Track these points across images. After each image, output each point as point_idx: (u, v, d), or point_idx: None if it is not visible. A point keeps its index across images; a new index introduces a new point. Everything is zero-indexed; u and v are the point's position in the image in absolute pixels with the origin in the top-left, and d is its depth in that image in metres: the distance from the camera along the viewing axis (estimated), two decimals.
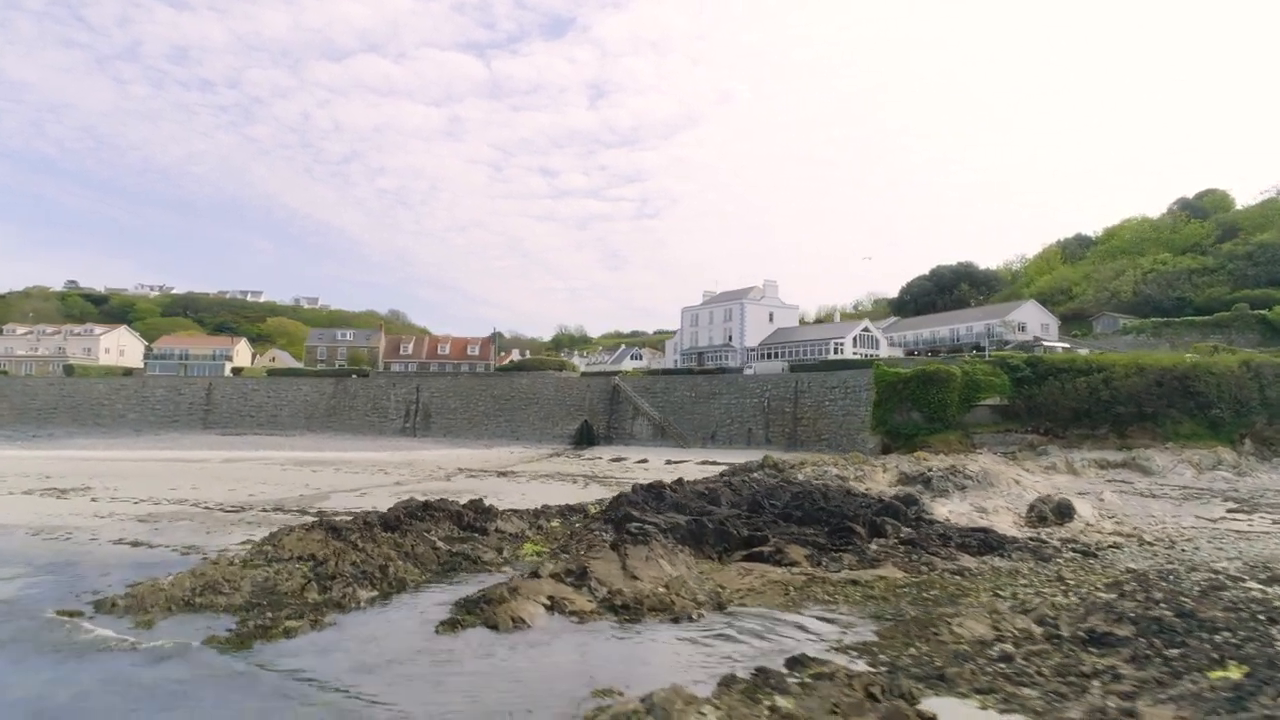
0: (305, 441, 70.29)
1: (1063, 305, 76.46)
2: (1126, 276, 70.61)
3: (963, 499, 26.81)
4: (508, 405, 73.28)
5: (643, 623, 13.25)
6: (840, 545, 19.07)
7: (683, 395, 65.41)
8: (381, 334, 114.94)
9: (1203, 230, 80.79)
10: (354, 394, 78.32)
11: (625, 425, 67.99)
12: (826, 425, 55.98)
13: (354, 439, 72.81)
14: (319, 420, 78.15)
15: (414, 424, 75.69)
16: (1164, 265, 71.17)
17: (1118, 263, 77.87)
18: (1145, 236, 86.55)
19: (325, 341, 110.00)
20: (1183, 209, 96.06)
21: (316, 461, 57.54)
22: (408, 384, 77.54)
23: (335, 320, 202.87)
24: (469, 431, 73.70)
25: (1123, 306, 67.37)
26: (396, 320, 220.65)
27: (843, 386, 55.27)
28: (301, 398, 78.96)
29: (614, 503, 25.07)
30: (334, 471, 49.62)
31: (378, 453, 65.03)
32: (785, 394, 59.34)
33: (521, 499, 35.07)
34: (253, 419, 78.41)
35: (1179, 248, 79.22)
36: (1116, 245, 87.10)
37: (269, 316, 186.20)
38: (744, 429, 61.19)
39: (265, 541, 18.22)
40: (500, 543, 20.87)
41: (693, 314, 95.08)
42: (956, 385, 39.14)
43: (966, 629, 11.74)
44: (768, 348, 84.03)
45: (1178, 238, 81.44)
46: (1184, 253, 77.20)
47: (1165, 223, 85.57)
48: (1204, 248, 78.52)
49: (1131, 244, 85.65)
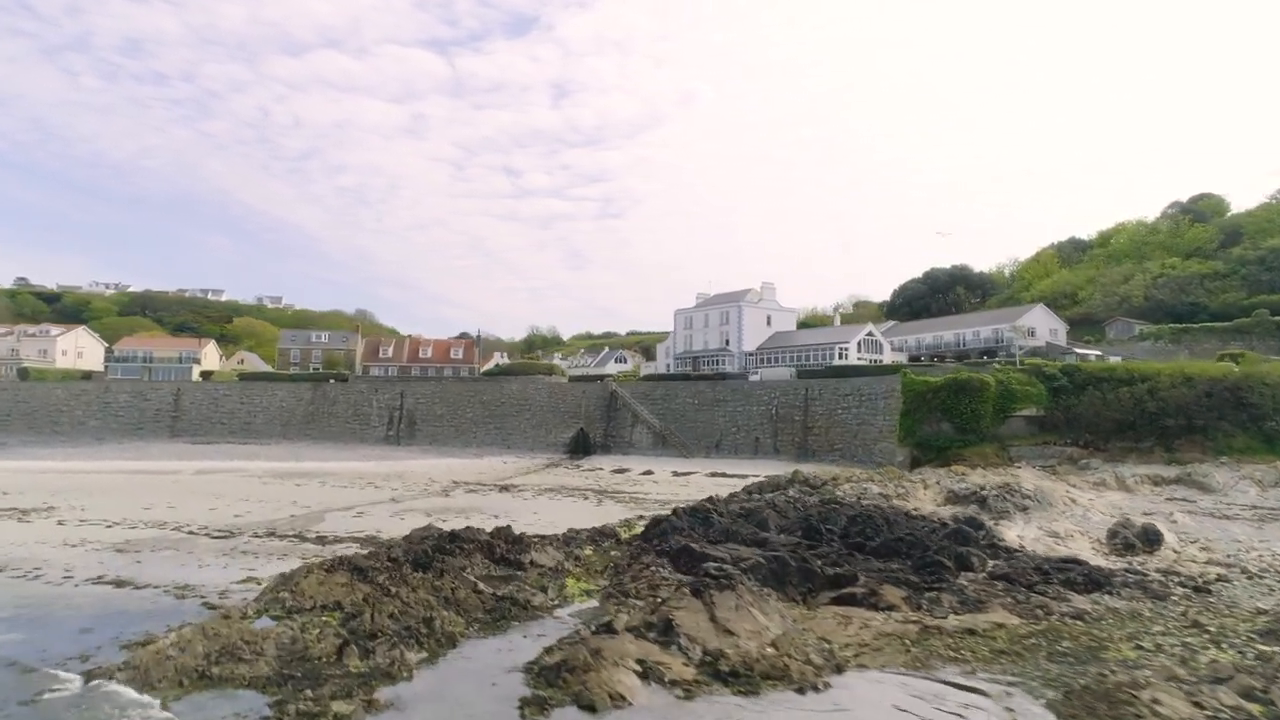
0: (283, 451, 67.16)
1: (1068, 310, 76.16)
2: (1136, 281, 70.41)
3: (1027, 521, 25.27)
4: (497, 412, 70.82)
5: (761, 694, 11.32)
6: (932, 582, 17.31)
7: (685, 402, 63.58)
8: (358, 336, 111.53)
9: (1206, 234, 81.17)
10: (333, 400, 75.25)
11: (624, 433, 65.97)
12: (840, 435, 54.52)
13: (334, 448, 69.84)
14: (296, 428, 74.93)
15: (398, 432, 72.87)
16: (1173, 270, 71.10)
17: (1123, 267, 77.82)
18: (1146, 240, 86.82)
19: (298, 344, 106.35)
20: (1182, 213, 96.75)
21: (298, 473, 54.64)
22: (390, 389, 74.69)
23: (302, 320, 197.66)
24: (456, 440, 71.11)
25: (1134, 311, 67.08)
26: (365, 320, 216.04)
27: (856, 394, 53.86)
28: (277, 404, 75.66)
29: (656, 528, 23.09)
30: (320, 486, 46.90)
31: (362, 463, 62.22)
32: (794, 402, 57.78)
33: (535, 519, 32.90)
34: (224, 426, 74.93)
35: (1183, 252, 79.46)
36: (1119, 249, 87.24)
37: (233, 316, 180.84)
38: (750, 438, 59.52)
39: (280, 585, 15.92)
40: (541, 579, 18.80)
41: (686, 316, 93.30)
42: (990, 395, 37.79)
43: (1167, 708, 9.95)
44: (767, 352, 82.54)
45: (1181, 242, 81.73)
46: (1188, 257, 77.43)
47: (1166, 226, 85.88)
48: (1207, 252, 78.86)
49: (1133, 248, 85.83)
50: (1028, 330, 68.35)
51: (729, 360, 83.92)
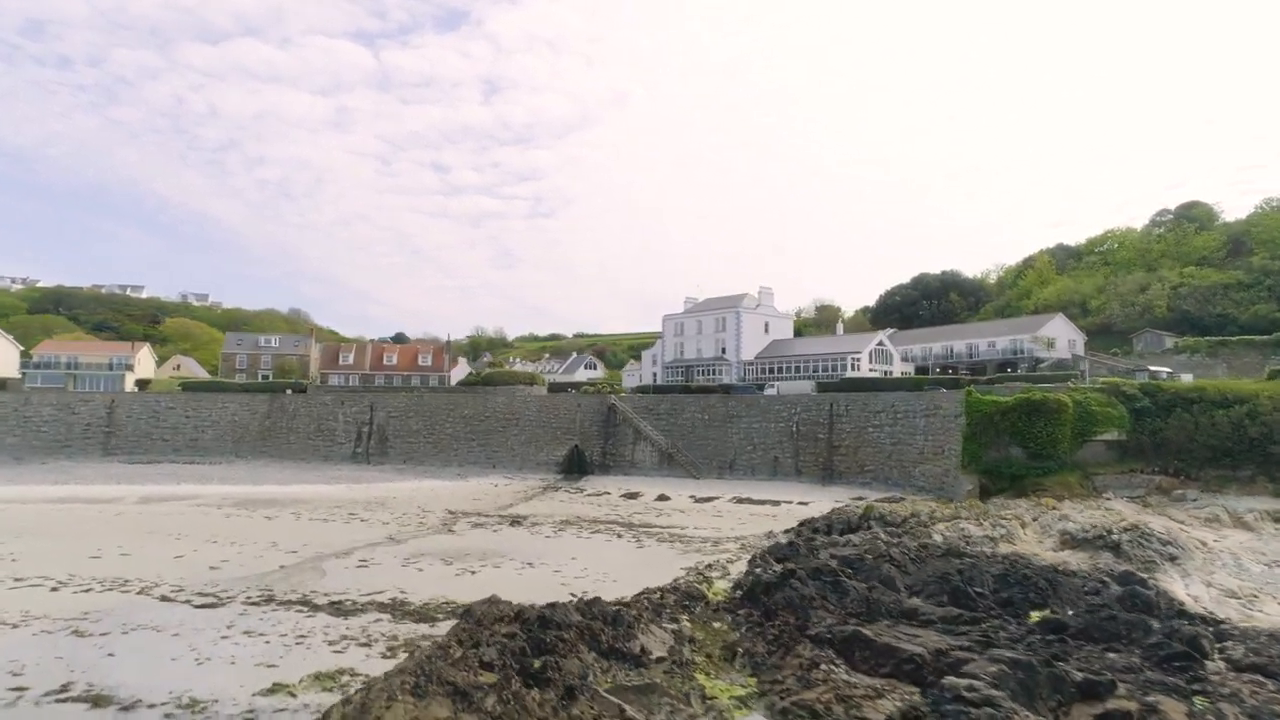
0: (238, 471, 61.08)
1: (1082, 320, 75.26)
2: (1155, 291, 69.81)
3: (1185, 575, 22.34)
4: (481, 428, 66.01)
5: None
6: (1187, 681, 13.98)
7: (693, 417, 59.96)
8: (311, 340, 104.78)
9: (1214, 242, 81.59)
10: (293, 413, 69.23)
11: (624, 451, 61.98)
12: (871, 455, 51.64)
13: (297, 467, 63.98)
14: (250, 444, 68.68)
15: (367, 449, 67.37)
16: (1192, 280, 70.78)
17: (1134, 275, 77.47)
18: (1147, 248, 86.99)
19: (245, 348, 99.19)
20: (1177, 220, 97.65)
21: (263, 500, 49.08)
22: (358, 402, 69.09)
23: (235, 320, 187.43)
24: (434, 458, 66.04)
25: (1157, 323, 66.37)
26: (302, 320, 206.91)
27: (890, 411, 51.10)
28: (228, 418, 69.24)
29: (769, 593, 19.28)
30: (293, 518, 41.69)
31: (332, 485, 56.77)
32: (818, 418, 54.72)
33: (575, 566, 28.82)
34: (167, 443, 68.16)
35: (1189, 260, 79.67)
36: (1124, 257, 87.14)
37: (158, 314, 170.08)
38: (768, 458, 56.23)
39: (351, 716, 11.62)
40: (671, 679, 14.89)
41: (676, 323, 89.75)
42: (1068, 417, 35.22)
43: None
44: (767, 361, 79.67)
45: (1186, 249, 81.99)
46: (1196, 265, 77.57)
47: (1170, 234, 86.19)
48: (1214, 261, 79.13)
49: (1137, 255, 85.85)
50: (1048, 341, 66.90)
51: (726, 370, 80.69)
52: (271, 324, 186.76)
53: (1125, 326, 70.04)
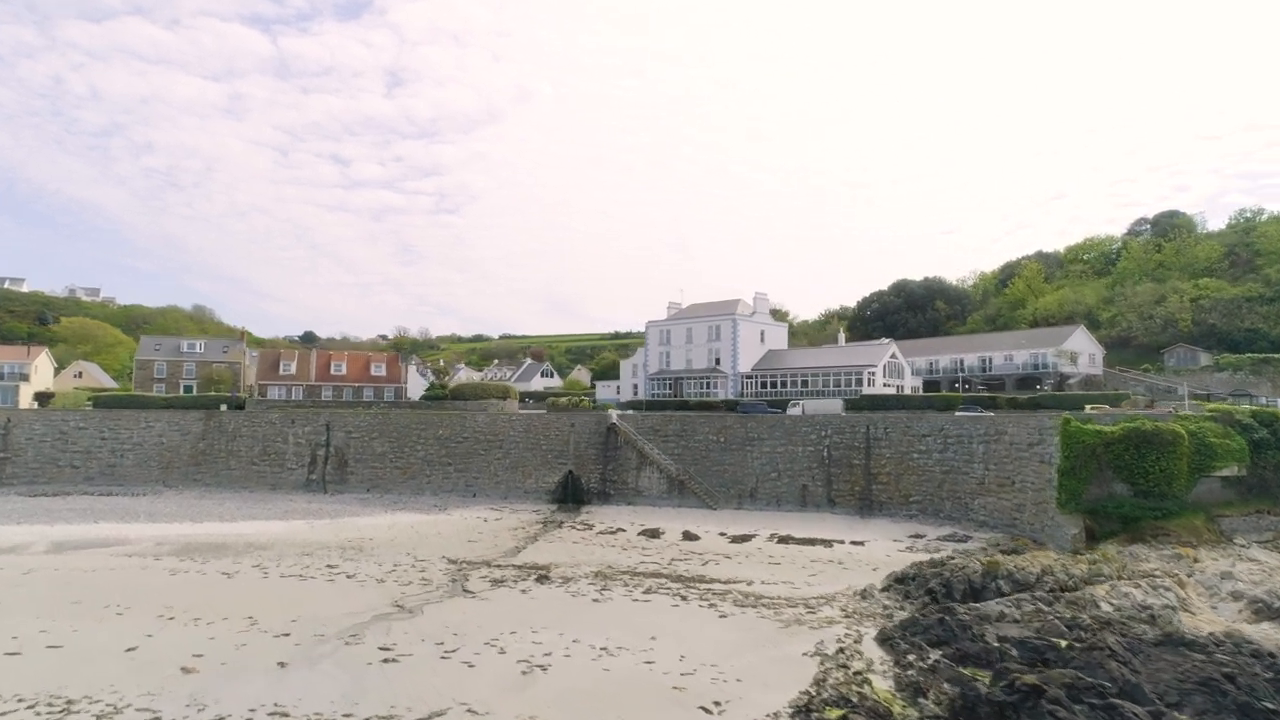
0: (169, 505, 53.17)
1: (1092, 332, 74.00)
2: (1173, 303, 68.95)
3: None
4: (458, 450, 59.68)
5: None
6: None
7: (706, 439, 55.24)
8: (243, 345, 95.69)
9: (1214, 252, 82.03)
10: (233, 433, 61.31)
11: (627, 477, 56.77)
12: (916, 484, 48.02)
13: (240, 498, 56.36)
14: (181, 471, 60.48)
15: (323, 475, 60.11)
16: (1209, 292, 70.25)
17: (1143, 286, 76.89)
18: (1146, 258, 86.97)
19: (165, 354, 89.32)
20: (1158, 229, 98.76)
21: (210, 545, 41.86)
22: (312, 420, 61.67)
23: (133, 319, 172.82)
24: (403, 485, 59.37)
25: (1182, 337, 65.34)
26: (207, 318, 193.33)
27: (939, 435, 47.60)
28: (153, 439, 60.82)
29: None
30: (259, 573, 34.95)
31: (288, 522, 49.68)
32: (852, 442, 50.84)
33: (660, 648, 23.61)
34: (78, 471, 59.32)
35: (1196, 271, 79.73)
36: (1126, 266, 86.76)
37: (46, 312, 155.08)
38: (796, 486, 52.03)
39: None
40: None
41: (662, 330, 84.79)
42: (1184, 450, 32.08)
43: None
44: (765, 373, 75.70)
45: (1188, 259, 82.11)
46: (1202, 276, 77.63)
47: (1169, 244, 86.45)
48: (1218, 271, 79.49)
49: (1137, 265, 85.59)
50: (1072, 355, 65.01)
51: (721, 383, 76.36)
52: (176, 323, 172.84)
53: (1148, 340, 68.90)
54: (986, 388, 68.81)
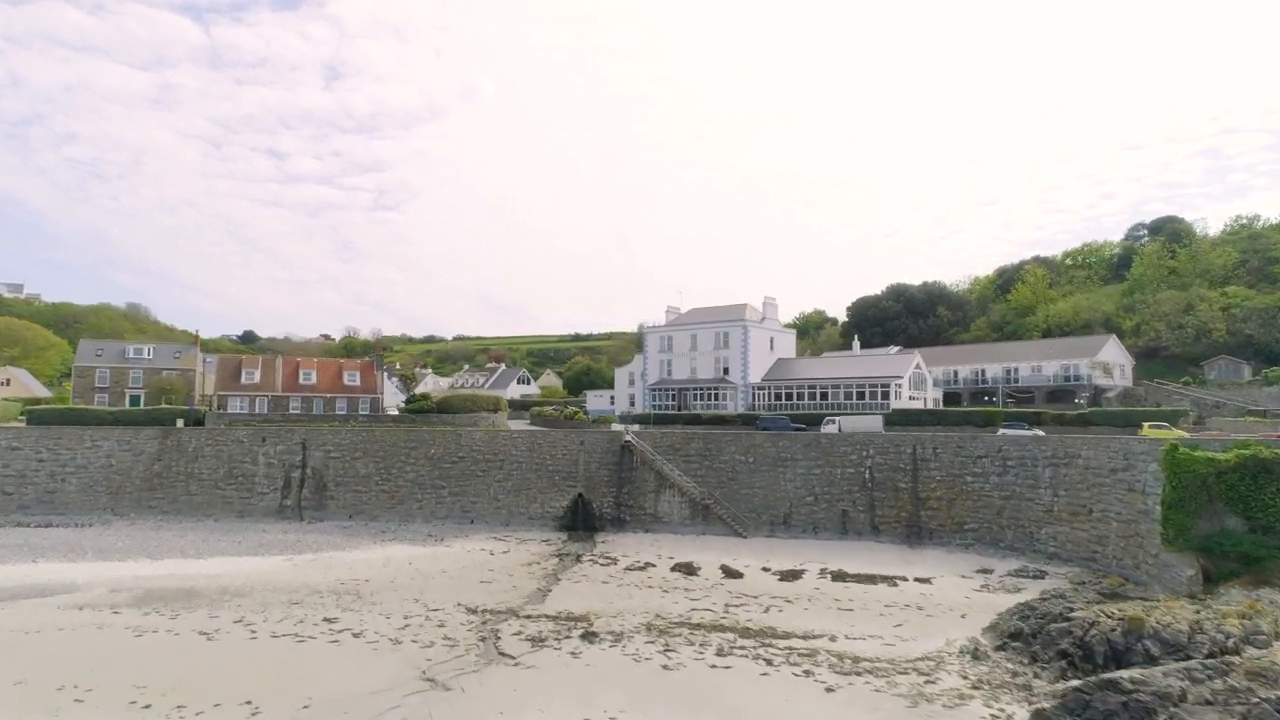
0: (120, 537, 47.61)
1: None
2: (1204, 312, 67.42)
3: None
4: (453, 471, 54.93)
5: None
6: None
7: (733, 459, 51.49)
8: (196, 350, 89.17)
9: (1230, 259, 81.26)
10: (194, 453, 55.62)
11: (644, 501, 52.70)
12: (972, 510, 44.96)
13: (204, 528, 50.92)
14: (133, 496, 54.63)
15: (299, 500, 54.84)
16: (1242, 300, 68.93)
17: (1165, 294, 75.48)
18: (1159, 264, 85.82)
19: (109, 360, 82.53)
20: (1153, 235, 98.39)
21: (178, 592, 36.65)
22: (286, 438, 56.26)
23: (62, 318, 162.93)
24: (391, 511, 54.44)
25: (1217, 348, 63.73)
26: (143, 317, 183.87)
27: (996, 456, 44.60)
28: (101, 460, 54.84)
29: None
30: (244, 631, 30.07)
31: (264, 556, 44.61)
32: (897, 463, 47.59)
33: None
34: (10, 498, 53.10)
35: (1214, 279, 78.74)
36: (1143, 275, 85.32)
37: None
38: (835, 511, 48.60)
39: None
40: None
41: (662, 337, 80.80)
42: None
43: None
44: (776, 384, 72.33)
45: (1205, 266, 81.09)
46: (1220, 284, 76.64)
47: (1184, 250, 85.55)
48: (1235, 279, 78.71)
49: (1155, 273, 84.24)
50: (1106, 367, 62.86)
51: (731, 394, 72.76)
52: (111, 322, 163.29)
53: (1180, 351, 67.27)
54: (1015, 401, 66.47)
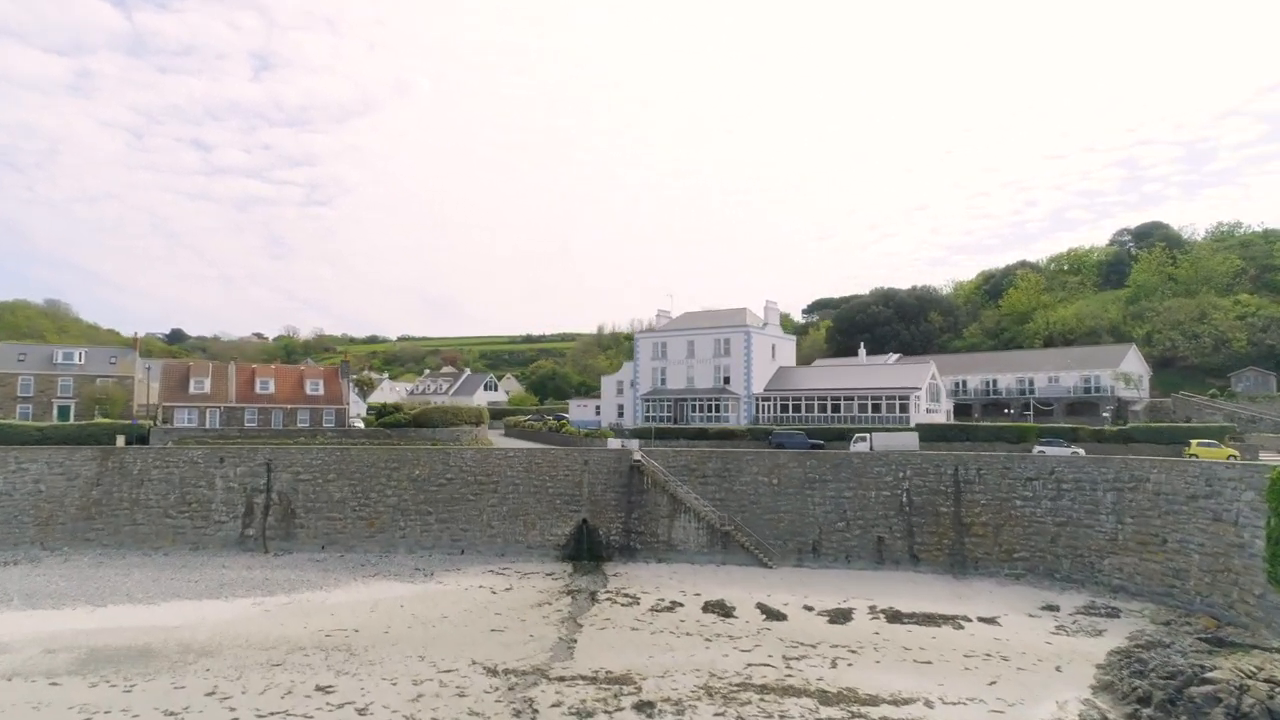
0: (53, 578, 41.81)
1: None
2: (1220, 320, 66.27)
3: None
4: (440, 495, 50.10)
5: None
6: None
7: (754, 481, 47.79)
8: (135, 355, 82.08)
9: (1233, 266, 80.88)
10: (139, 476, 49.69)
11: (656, 528, 48.65)
12: (1022, 538, 42.07)
13: (153, 564, 45.28)
14: (67, 528, 48.56)
15: (263, 529, 49.37)
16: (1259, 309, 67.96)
17: (1173, 302, 74.45)
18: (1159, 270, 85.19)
19: (33, 366, 75.15)
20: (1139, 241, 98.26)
21: (130, 651, 31.30)
22: (248, 459, 50.63)
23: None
24: (370, 540, 49.39)
25: (1238, 358, 62.49)
26: (63, 315, 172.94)
27: (1049, 479, 41.78)
28: (28, 486, 48.58)
29: None
30: (219, 710, 25.04)
31: (228, 599, 39.36)
32: (936, 485, 44.50)
33: None
34: None
35: (1220, 285, 78.14)
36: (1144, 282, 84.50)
37: None
38: (869, 538, 45.26)
39: None
40: None
41: (655, 343, 76.77)
42: None
43: None
44: (780, 395, 69.01)
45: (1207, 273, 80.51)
46: (1229, 291, 76.10)
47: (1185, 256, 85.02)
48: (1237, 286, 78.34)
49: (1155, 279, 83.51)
50: (1128, 378, 60.99)
51: (733, 405, 69.15)
52: (29, 321, 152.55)
53: (1199, 362, 65.96)
54: (1034, 414, 64.27)
